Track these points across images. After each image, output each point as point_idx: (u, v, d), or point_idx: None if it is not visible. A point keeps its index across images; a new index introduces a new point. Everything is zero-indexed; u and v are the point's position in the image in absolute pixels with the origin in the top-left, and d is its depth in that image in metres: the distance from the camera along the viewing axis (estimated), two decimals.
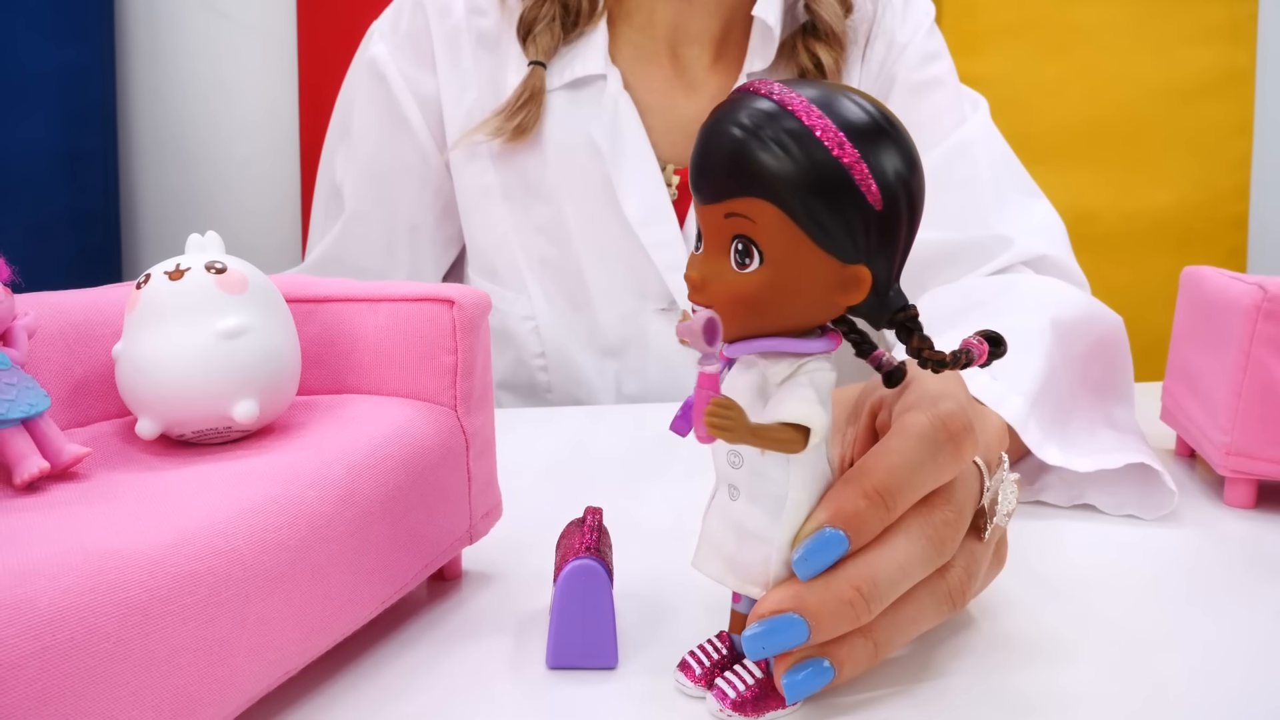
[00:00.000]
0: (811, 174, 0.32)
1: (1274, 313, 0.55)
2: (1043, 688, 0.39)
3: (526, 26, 0.90)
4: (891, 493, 0.36)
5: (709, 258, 0.34)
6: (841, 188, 0.32)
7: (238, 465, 0.38)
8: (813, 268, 0.33)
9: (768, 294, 0.33)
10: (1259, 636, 0.43)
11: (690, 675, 0.38)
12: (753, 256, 0.33)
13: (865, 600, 0.35)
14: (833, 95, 0.33)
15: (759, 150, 0.32)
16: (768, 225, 0.32)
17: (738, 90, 0.34)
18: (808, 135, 0.32)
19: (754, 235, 0.33)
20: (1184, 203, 1.73)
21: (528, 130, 0.89)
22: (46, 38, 1.60)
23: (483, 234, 0.94)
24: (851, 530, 0.35)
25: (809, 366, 0.34)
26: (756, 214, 0.33)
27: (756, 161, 0.32)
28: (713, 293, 0.34)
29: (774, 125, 0.32)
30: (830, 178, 0.32)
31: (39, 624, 0.27)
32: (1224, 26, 1.72)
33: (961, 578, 0.39)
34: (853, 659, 0.36)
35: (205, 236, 0.43)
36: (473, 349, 0.46)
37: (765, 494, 0.36)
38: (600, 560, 0.39)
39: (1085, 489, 0.58)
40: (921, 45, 0.95)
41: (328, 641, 0.38)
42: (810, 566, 0.35)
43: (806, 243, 0.32)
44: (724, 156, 0.33)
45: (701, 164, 0.34)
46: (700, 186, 0.34)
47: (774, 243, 0.33)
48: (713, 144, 0.33)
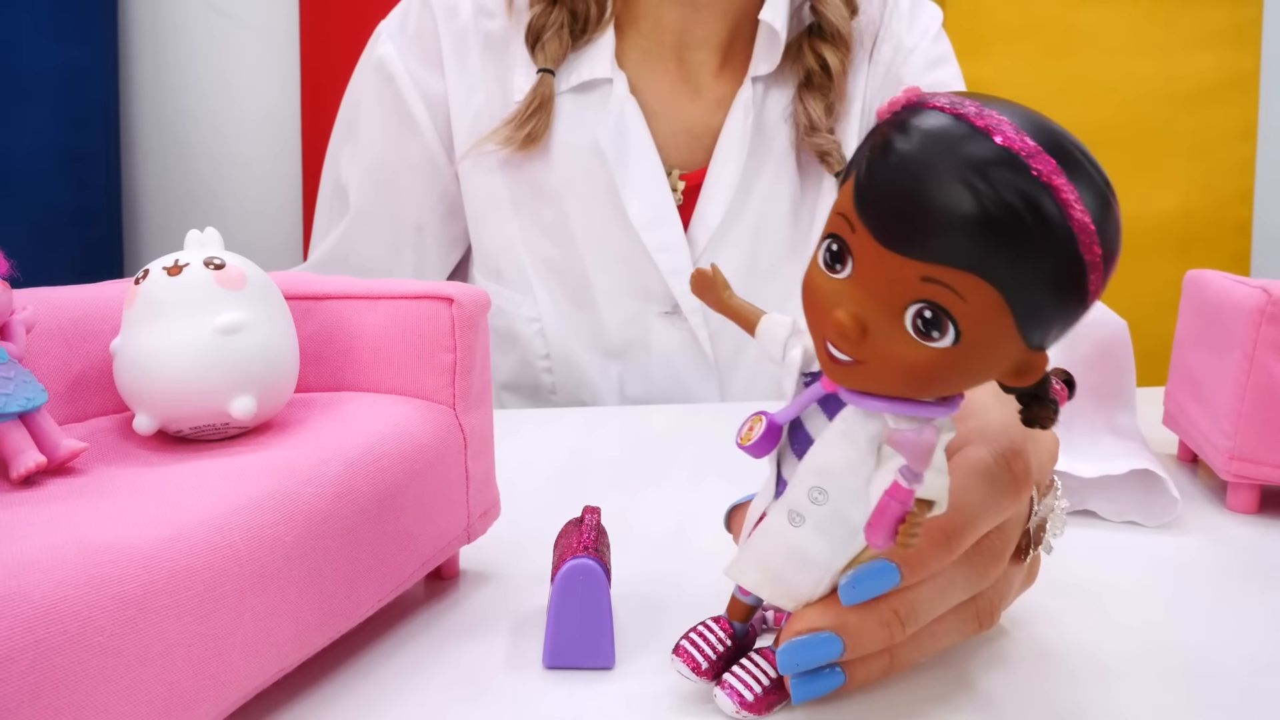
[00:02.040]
0: (1055, 271, 0.28)
1: (1278, 316, 0.55)
2: (1040, 693, 0.39)
3: (535, 34, 0.90)
4: (958, 535, 0.35)
5: (873, 304, 0.29)
6: (1079, 289, 0.28)
7: (235, 461, 0.38)
8: (1004, 351, 0.29)
9: (948, 373, 0.30)
10: (1261, 641, 0.43)
11: (694, 666, 0.37)
12: (945, 332, 0.29)
13: (902, 624, 0.35)
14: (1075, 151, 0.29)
15: (1004, 224, 0.27)
16: (980, 308, 0.28)
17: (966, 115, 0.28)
18: (1061, 222, 0.27)
19: (956, 313, 0.28)
20: (1187, 207, 1.73)
21: (538, 139, 0.89)
22: (49, 37, 1.60)
23: (489, 236, 0.94)
24: (909, 568, 0.34)
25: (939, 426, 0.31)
26: (970, 292, 0.28)
27: (997, 238, 0.27)
28: (875, 352, 0.30)
29: (1016, 191, 0.27)
30: (1074, 278, 0.28)
31: (32, 617, 0.27)
32: (1228, 30, 1.72)
33: (992, 599, 0.38)
34: (865, 669, 0.36)
35: (204, 233, 0.43)
36: (471, 347, 0.46)
37: (839, 529, 0.34)
38: (598, 560, 0.39)
39: (1087, 495, 0.58)
40: (929, 49, 0.95)
41: (324, 639, 0.37)
42: (858, 594, 0.34)
43: (1010, 326, 0.29)
44: (948, 211, 0.27)
45: (897, 203, 0.28)
46: (885, 226, 0.29)
47: (979, 327, 0.28)
48: (934, 187, 0.28)
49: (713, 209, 0.90)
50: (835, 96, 0.91)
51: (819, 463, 0.33)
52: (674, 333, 0.92)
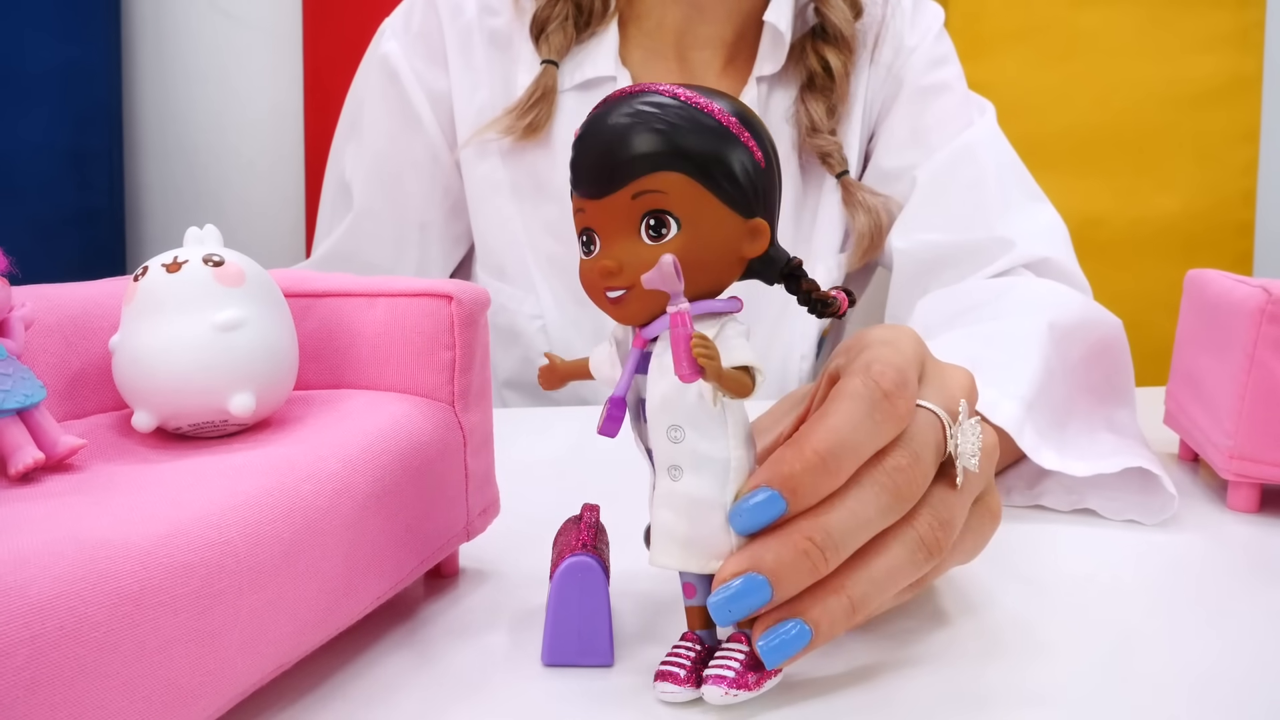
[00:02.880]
0: (709, 137, 0.35)
1: (1278, 315, 0.55)
2: (1040, 693, 0.39)
3: (539, 25, 0.90)
4: (833, 454, 0.35)
5: (619, 244, 0.36)
6: (735, 146, 0.35)
7: (233, 458, 0.38)
8: (724, 224, 0.35)
9: (688, 257, 0.35)
10: (1262, 641, 0.43)
11: (676, 680, 0.37)
12: (668, 226, 0.35)
13: (820, 549, 0.35)
14: (697, 88, 0.36)
15: (657, 128, 0.35)
16: (680, 193, 0.35)
17: (606, 100, 0.36)
18: (691, 109, 0.35)
19: (668, 206, 0.35)
20: (1190, 209, 1.72)
21: (539, 129, 0.89)
22: (52, 36, 1.61)
23: (491, 232, 0.94)
24: (789, 491, 0.35)
25: (730, 323, 0.36)
26: (667, 185, 0.35)
27: (659, 138, 0.35)
28: (631, 272, 0.35)
29: (659, 108, 0.35)
30: (724, 138, 0.35)
31: (29, 612, 0.27)
32: (1231, 33, 1.72)
33: (932, 524, 0.38)
34: (829, 617, 0.36)
35: (203, 230, 0.43)
36: (471, 344, 0.46)
37: (709, 461, 0.36)
38: (596, 557, 0.39)
39: (1085, 494, 0.58)
40: (930, 50, 0.95)
41: (322, 636, 0.37)
42: (745, 522, 0.35)
43: (714, 202, 0.35)
44: (623, 143, 0.35)
45: (606, 156, 0.35)
46: (597, 179, 0.35)
47: (688, 208, 0.35)
48: (606, 136, 0.35)
49: None
50: (837, 98, 0.91)
51: (655, 402, 0.36)
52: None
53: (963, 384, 0.42)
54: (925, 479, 0.38)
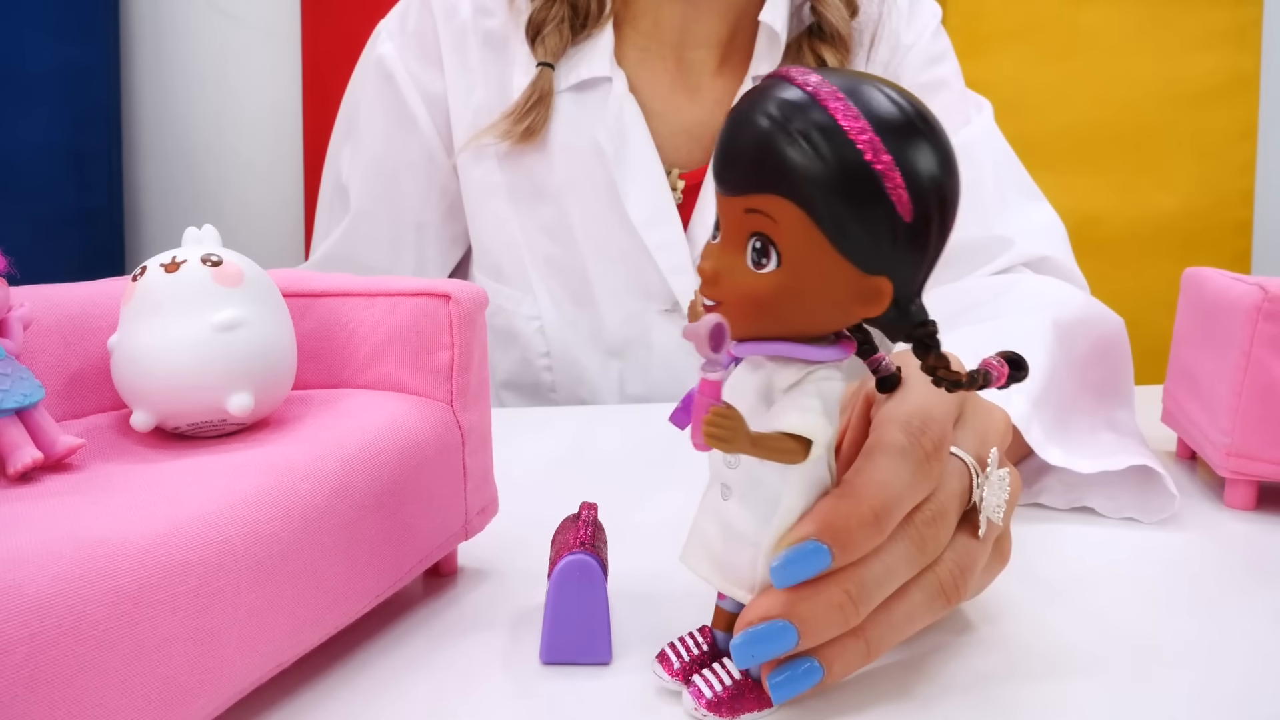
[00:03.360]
0: (839, 176, 0.30)
1: (1274, 313, 0.55)
2: (1040, 692, 0.39)
3: (535, 28, 0.90)
4: (887, 511, 0.35)
5: (725, 251, 0.33)
6: (870, 195, 0.30)
7: (232, 458, 0.38)
8: (831, 275, 0.32)
9: (781, 297, 0.32)
10: (1259, 639, 0.43)
11: (668, 668, 0.37)
12: (770, 257, 0.32)
13: (854, 604, 0.35)
14: (867, 88, 0.31)
15: (786, 145, 0.31)
16: (788, 226, 0.31)
17: (769, 76, 0.33)
18: (838, 133, 0.30)
19: (773, 235, 0.32)
20: (1188, 207, 1.73)
21: (536, 132, 0.89)
22: (51, 37, 1.61)
23: (488, 234, 0.94)
24: (839, 547, 0.34)
25: (818, 375, 0.33)
26: (778, 213, 0.31)
27: (782, 157, 0.31)
28: (725, 289, 0.33)
29: (803, 118, 0.31)
30: (859, 183, 0.30)
31: (27, 610, 0.27)
32: (1229, 31, 1.72)
33: (953, 571, 0.38)
34: (843, 658, 0.35)
35: (202, 230, 0.43)
36: (469, 344, 0.46)
37: (758, 497, 0.35)
38: (594, 555, 0.39)
39: (1085, 492, 0.58)
40: (927, 47, 0.95)
41: (320, 634, 0.38)
42: (788, 576, 0.34)
43: (827, 248, 0.31)
44: (749, 147, 0.31)
45: (725, 153, 0.32)
46: (723, 176, 0.33)
47: (793, 245, 0.31)
48: (738, 133, 0.32)
49: (712, 207, 0.90)
50: None
51: None
52: (674, 331, 0.92)
53: (998, 428, 0.41)
54: (949, 531, 0.38)
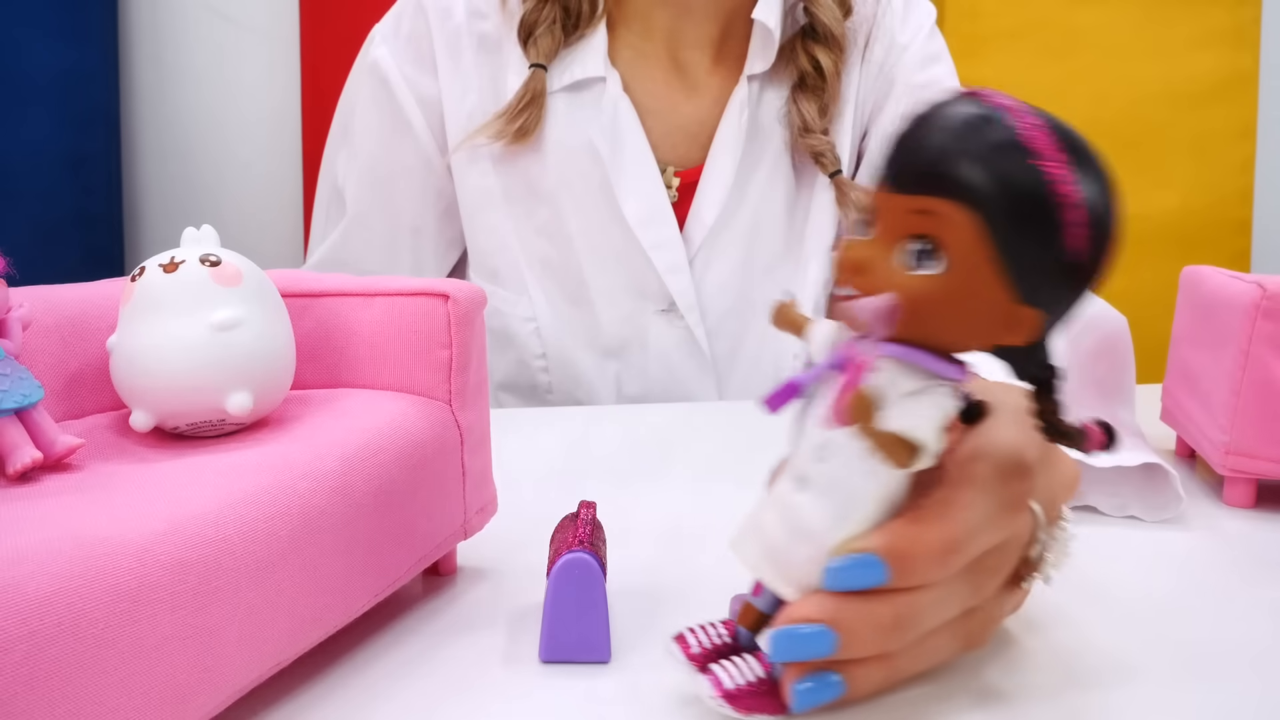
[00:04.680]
0: (1030, 202, 0.31)
1: (1273, 311, 0.55)
2: (1041, 692, 0.39)
3: (527, 29, 0.90)
4: (956, 550, 0.34)
5: (879, 246, 0.33)
6: (1051, 224, 0.31)
7: (231, 457, 0.38)
8: (990, 293, 0.32)
9: (935, 304, 0.32)
10: (1259, 636, 0.43)
11: (685, 649, 0.36)
12: (933, 260, 0.32)
13: (900, 629, 0.34)
14: (1058, 120, 0.32)
15: (977, 152, 0.31)
16: (961, 233, 0.31)
17: (972, 92, 0.33)
18: (1033, 154, 0.31)
19: (941, 240, 0.31)
20: (1187, 207, 1.73)
21: (529, 133, 0.89)
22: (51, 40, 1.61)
23: (484, 236, 0.94)
24: (898, 569, 0.33)
25: (939, 390, 0.33)
26: (953, 217, 0.31)
27: (976, 166, 0.31)
28: (873, 282, 0.32)
29: (999, 131, 0.31)
30: (1047, 215, 0.31)
31: (26, 608, 0.27)
32: (1227, 30, 1.72)
33: (984, 622, 0.38)
34: (867, 680, 0.35)
35: (200, 230, 0.43)
36: (467, 343, 0.46)
37: (839, 497, 0.34)
38: (593, 554, 0.39)
39: (1087, 491, 0.58)
40: (922, 47, 0.95)
41: (320, 633, 0.38)
42: (840, 580, 0.33)
43: (995, 265, 0.31)
44: (935, 148, 0.31)
45: (908, 149, 0.32)
46: (899, 171, 0.32)
47: (961, 254, 0.31)
48: (926, 132, 0.32)
49: (708, 206, 0.91)
50: (829, 98, 0.91)
51: (825, 414, 0.33)
52: (671, 331, 0.92)
53: (1068, 482, 0.40)
54: (1003, 580, 0.37)
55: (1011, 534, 0.37)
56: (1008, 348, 0.33)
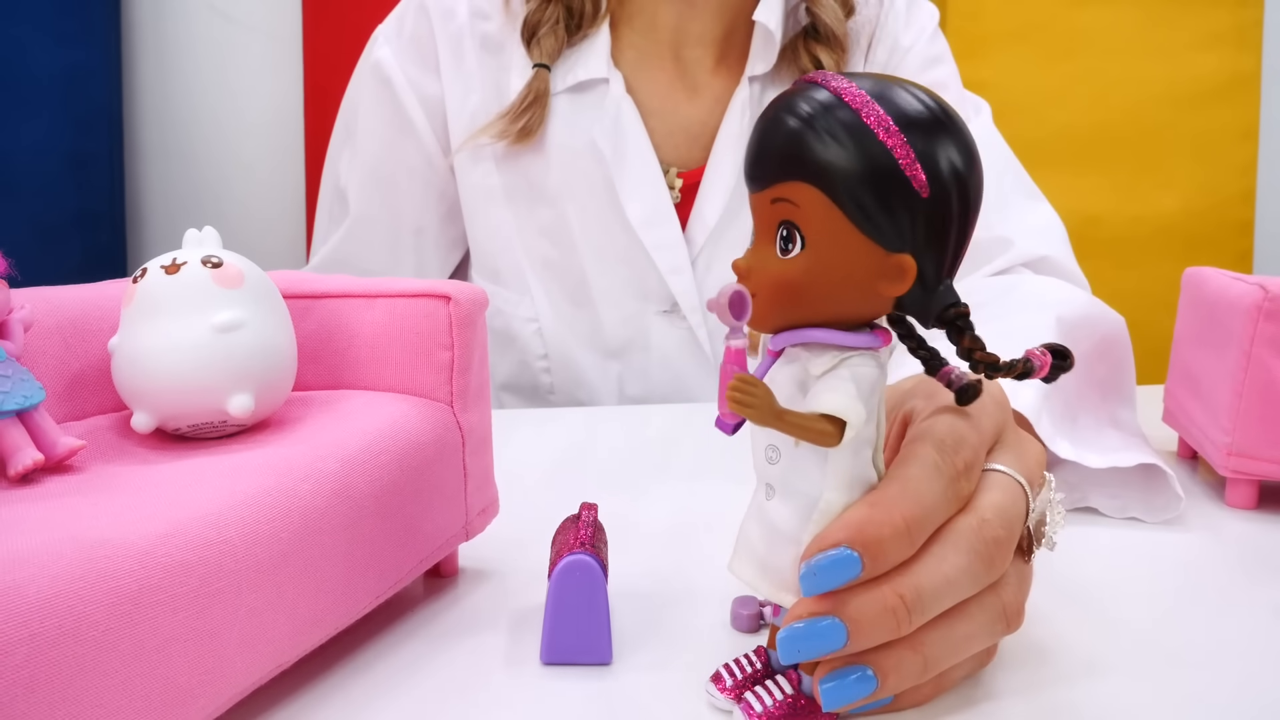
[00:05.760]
0: (855, 157, 0.32)
1: (1275, 312, 0.55)
2: (1041, 692, 0.39)
3: (531, 29, 0.90)
4: (919, 524, 0.34)
5: (757, 247, 0.34)
6: (885, 172, 0.32)
7: (232, 459, 0.38)
8: (855, 254, 0.32)
9: (808, 280, 0.33)
10: (1260, 637, 0.43)
11: (720, 686, 0.36)
12: (795, 242, 0.33)
13: (908, 609, 0.34)
14: (889, 86, 0.33)
15: (807, 136, 0.32)
16: (810, 209, 0.32)
17: (797, 81, 0.34)
18: (856, 122, 0.32)
19: (797, 220, 0.33)
20: (1189, 208, 1.73)
21: (532, 133, 0.89)
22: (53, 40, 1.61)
23: (486, 236, 0.94)
24: (870, 556, 0.33)
25: (852, 360, 0.33)
26: (800, 198, 0.32)
27: (802, 145, 0.32)
28: (756, 279, 0.34)
29: (827, 114, 0.32)
30: (874, 160, 0.32)
31: (27, 611, 0.27)
32: (1229, 32, 1.72)
33: (1017, 595, 0.37)
34: (898, 671, 0.34)
35: (202, 232, 0.43)
36: (469, 345, 0.46)
37: (799, 493, 0.34)
38: (595, 555, 0.39)
39: (1088, 491, 0.58)
40: (925, 49, 0.95)
41: (321, 635, 0.38)
42: (817, 583, 0.33)
43: (849, 228, 0.32)
44: (773, 142, 0.33)
45: (754, 151, 0.34)
46: (752, 173, 0.34)
47: (816, 227, 0.32)
48: (765, 131, 0.33)
49: (711, 207, 0.91)
50: None
51: None
52: (673, 332, 0.92)
53: (1038, 455, 0.41)
54: (1012, 551, 0.37)
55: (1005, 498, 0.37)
56: (913, 302, 0.34)
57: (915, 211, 0.32)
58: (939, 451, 0.36)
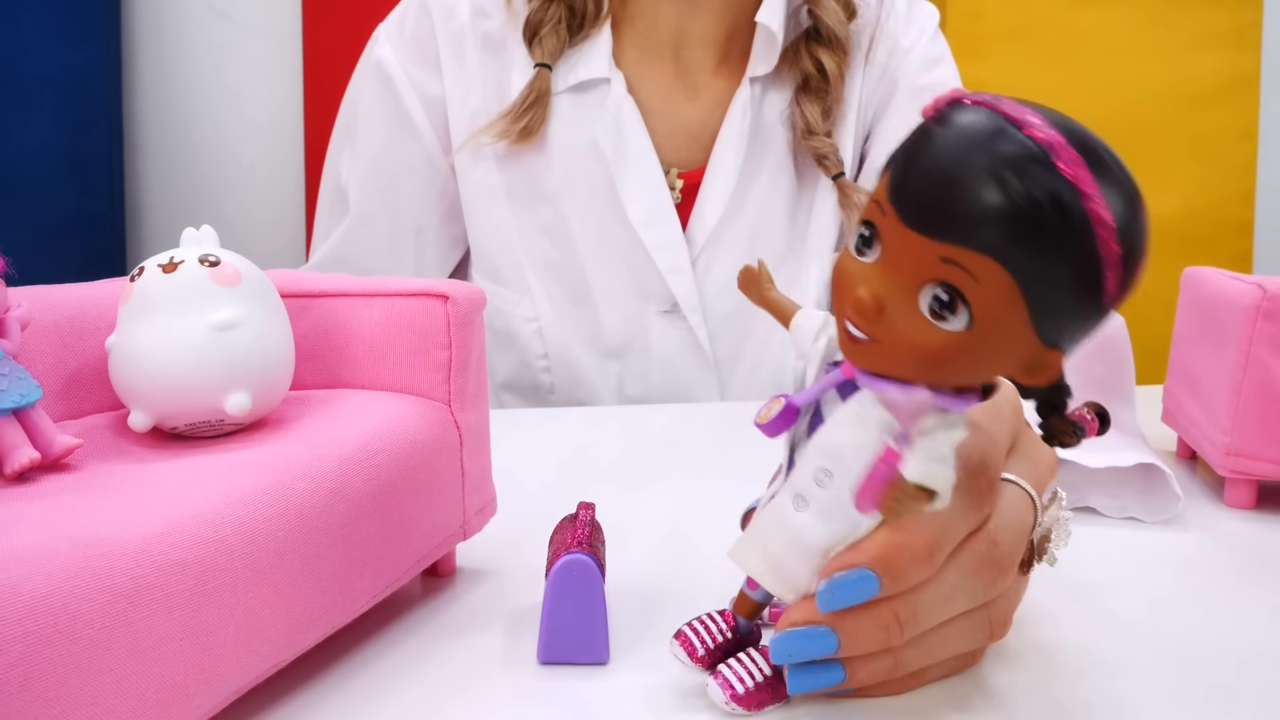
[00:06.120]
0: (1073, 265, 0.29)
1: (1273, 312, 0.55)
2: (1042, 693, 0.39)
3: (532, 29, 0.90)
4: (939, 548, 0.35)
5: (893, 285, 0.31)
6: (1096, 289, 0.29)
7: (229, 457, 0.38)
8: (1015, 343, 0.30)
9: (959, 358, 0.30)
10: (1259, 637, 0.43)
11: (691, 651, 0.37)
12: (957, 314, 0.30)
13: (900, 626, 0.34)
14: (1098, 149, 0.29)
15: (1023, 211, 0.28)
16: (992, 290, 0.29)
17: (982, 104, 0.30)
18: (1084, 219, 0.28)
19: (969, 294, 0.29)
20: (1189, 208, 1.72)
21: (533, 132, 0.89)
22: (53, 40, 1.61)
23: (486, 235, 0.94)
24: (890, 578, 0.34)
25: (950, 420, 0.32)
26: (983, 273, 0.29)
27: (1017, 225, 0.28)
28: (890, 334, 0.31)
29: (1039, 181, 0.28)
30: (1090, 277, 0.29)
31: (21, 609, 0.27)
32: (1229, 32, 1.72)
33: (1006, 609, 0.38)
34: (868, 668, 0.35)
35: (200, 230, 0.43)
36: (467, 344, 0.46)
37: (840, 517, 0.34)
38: (592, 555, 0.39)
39: (1087, 491, 0.58)
40: (925, 50, 0.95)
41: (318, 634, 0.38)
42: (835, 600, 0.34)
43: (1025, 320, 0.30)
44: (973, 196, 0.28)
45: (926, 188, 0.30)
46: (921, 210, 0.30)
47: (990, 310, 0.29)
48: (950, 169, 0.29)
49: (711, 208, 0.90)
50: (832, 100, 0.91)
51: (828, 443, 0.34)
52: (673, 332, 0.92)
53: (1050, 464, 0.41)
54: (1013, 572, 0.37)
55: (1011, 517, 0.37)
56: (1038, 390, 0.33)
57: (1089, 316, 0.30)
58: (965, 472, 0.35)
